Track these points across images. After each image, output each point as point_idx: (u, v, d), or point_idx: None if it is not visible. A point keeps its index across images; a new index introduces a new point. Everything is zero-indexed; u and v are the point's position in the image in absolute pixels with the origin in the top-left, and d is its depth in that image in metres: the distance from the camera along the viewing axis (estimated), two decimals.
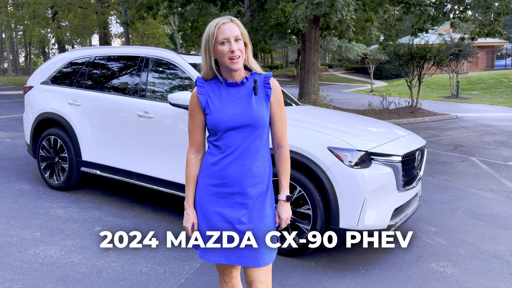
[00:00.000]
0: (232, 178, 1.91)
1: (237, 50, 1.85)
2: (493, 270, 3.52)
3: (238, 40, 1.87)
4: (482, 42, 31.12)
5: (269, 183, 2.01)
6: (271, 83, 1.99)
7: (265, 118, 1.95)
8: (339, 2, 9.18)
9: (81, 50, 5.41)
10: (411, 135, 4.30)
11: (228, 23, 1.88)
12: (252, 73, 1.98)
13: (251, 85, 1.96)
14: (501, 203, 5.38)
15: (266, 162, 1.99)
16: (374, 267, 3.51)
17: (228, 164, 1.91)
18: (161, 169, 4.28)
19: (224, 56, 1.86)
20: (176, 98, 3.93)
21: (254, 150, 1.93)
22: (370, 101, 16.09)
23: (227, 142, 1.91)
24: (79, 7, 22.64)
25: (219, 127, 1.90)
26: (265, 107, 1.96)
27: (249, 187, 1.93)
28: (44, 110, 5.27)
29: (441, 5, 12.17)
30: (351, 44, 38.79)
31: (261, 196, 1.96)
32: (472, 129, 12.47)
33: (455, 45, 23.53)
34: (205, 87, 1.97)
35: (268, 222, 1.99)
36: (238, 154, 1.91)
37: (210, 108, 1.93)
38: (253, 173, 1.93)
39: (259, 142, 1.95)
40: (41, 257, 3.47)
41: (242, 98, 1.93)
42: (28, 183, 5.47)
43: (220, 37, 1.86)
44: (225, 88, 1.95)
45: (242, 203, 1.93)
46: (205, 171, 1.98)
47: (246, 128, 1.91)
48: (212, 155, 1.95)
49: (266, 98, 1.97)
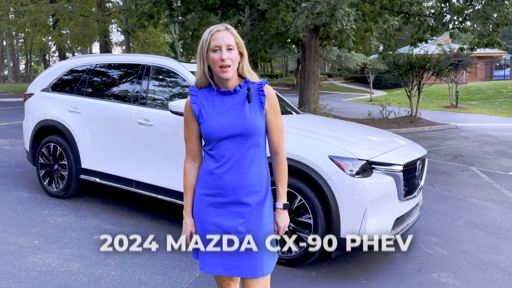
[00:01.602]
0: (228, 187, 1.89)
1: (228, 59, 1.83)
2: (495, 281, 3.49)
3: (230, 49, 1.86)
4: (481, 53, 31.22)
5: (267, 191, 1.98)
6: (265, 90, 1.96)
7: (260, 126, 1.92)
8: (339, 12, 9.23)
9: (82, 58, 5.42)
10: (412, 144, 4.29)
11: (222, 31, 1.87)
12: (246, 81, 1.95)
13: (244, 92, 1.93)
14: (502, 213, 5.35)
15: (262, 170, 1.96)
16: (375, 277, 3.47)
17: (223, 174, 1.89)
18: (161, 177, 4.26)
19: (214, 63, 1.86)
20: (177, 106, 3.92)
21: (249, 159, 1.91)
22: (370, 111, 16.12)
23: (221, 151, 1.90)
24: (80, 15, 22.73)
25: (213, 136, 1.89)
26: (259, 115, 1.93)
27: (246, 196, 1.90)
28: (44, 117, 5.26)
29: (440, 15, 12.24)
30: (351, 53, 38.89)
31: (259, 205, 1.93)
32: (471, 139, 12.47)
33: (454, 55, 23.64)
34: (199, 95, 1.95)
35: (267, 231, 1.96)
36: (233, 163, 1.89)
37: (203, 117, 1.92)
38: (249, 181, 1.90)
39: (254, 150, 1.92)
40: (39, 265, 3.44)
41: (236, 106, 1.91)
42: (27, 191, 5.44)
43: (213, 44, 1.85)
44: (218, 96, 1.93)
45: (239, 212, 1.90)
46: (201, 181, 1.97)
47: (240, 137, 1.89)
48: (207, 165, 1.94)
49: (260, 105, 1.94)
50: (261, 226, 1.94)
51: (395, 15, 13.66)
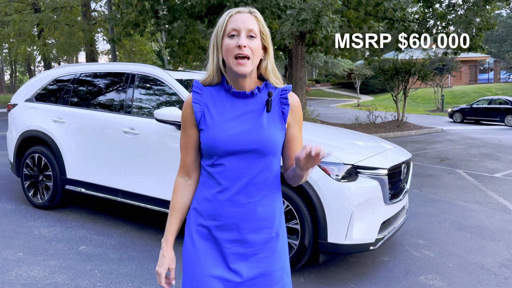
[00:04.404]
0: (230, 220, 1.46)
1: (247, 47, 1.40)
2: (481, 282, 3.52)
3: (252, 37, 1.42)
4: (465, 57, 31.77)
5: (279, 226, 1.54)
6: (289, 99, 1.52)
7: (278, 143, 1.48)
8: (324, 19, 9.30)
9: (67, 67, 5.38)
10: (397, 148, 4.33)
11: (245, 14, 1.44)
12: (267, 83, 1.52)
13: (263, 98, 1.50)
14: (488, 214, 5.41)
15: (275, 199, 1.52)
16: (363, 281, 3.48)
17: (226, 202, 1.45)
18: (147, 186, 4.23)
19: (229, 52, 1.42)
20: (162, 114, 3.91)
21: (260, 184, 1.47)
22: (357, 116, 16.26)
23: (225, 171, 1.45)
24: (65, 24, 22.59)
25: (216, 149, 1.44)
26: (279, 129, 1.49)
27: (252, 232, 1.47)
28: (28, 128, 5.20)
29: (424, 20, 12.41)
30: (337, 59, 39.26)
31: (268, 245, 1.50)
32: (457, 142, 12.63)
33: (439, 60, 23.99)
34: (204, 94, 1.50)
35: (277, 278, 1.51)
36: (240, 189, 1.45)
37: (206, 122, 1.47)
38: (258, 214, 1.47)
39: (268, 173, 1.48)
40: (23, 278, 3.38)
41: (250, 114, 1.47)
42: (11, 202, 5.35)
43: (230, 27, 1.43)
44: (229, 98, 1.49)
45: (242, 254, 1.48)
46: (197, 207, 1.52)
47: (251, 154, 1.44)
48: (205, 186, 1.50)
49: (281, 117, 1.50)
50: (271, 272, 1.50)
51: (379, 21, 13.82)
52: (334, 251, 3.38)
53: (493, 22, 11.50)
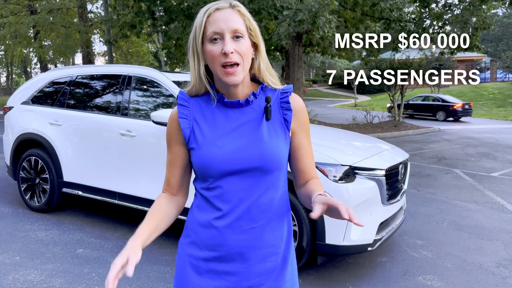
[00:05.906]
0: (232, 250, 1.25)
1: (234, 52, 1.18)
2: (479, 282, 3.52)
3: (238, 38, 1.20)
4: (462, 56, 31.82)
5: (288, 252, 1.34)
6: (291, 102, 1.31)
7: (283, 156, 1.28)
8: (321, 20, 9.31)
9: (63, 70, 5.37)
10: (394, 148, 4.33)
11: (225, 10, 1.20)
12: (263, 87, 1.31)
13: (261, 104, 1.29)
14: (485, 214, 5.42)
15: (282, 222, 1.32)
16: (361, 282, 3.48)
17: (226, 228, 1.25)
18: (144, 188, 4.22)
19: (214, 60, 1.20)
20: (159, 116, 3.90)
21: (265, 206, 1.26)
22: (354, 116, 16.29)
23: (224, 194, 1.24)
24: (61, 26, 22.53)
25: (210, 170, 1.24)
26: (283, 140, 1.29)
27: (257, 262, 1.27)
28: (24, 131, 5.18)
29: (420, 20, 12.44)
30: (334, 60, 39.30)
31: (275, 273, 1.30)
32: (454, 142, 12.66)
33: (435, 60, 24.09)
34: (191, 106, 1.30)
35: None
36: (242, 213, 1.24)
37: (197, 139, 1.26)
38: (265, 240, 1.27)
39: (273, 193, 1.28)
40: (20, 282, 3.36)
41: (247, 125, 1.27)
42: (8, 206, 5.33)
43: (210, 30, 1.19)
44: (221, 109, 1.28)
45: (247, 287, 1.28)
46: (191, 235, 1.30)
47: (253, 173, 1.24)
48: (201, 211, 1.29)
49: (284, 124, 1.30)
50: None
51: (376, 21, 13.84)
52: (332, 252, 3.37)
53: (489, 21, 11.54)
